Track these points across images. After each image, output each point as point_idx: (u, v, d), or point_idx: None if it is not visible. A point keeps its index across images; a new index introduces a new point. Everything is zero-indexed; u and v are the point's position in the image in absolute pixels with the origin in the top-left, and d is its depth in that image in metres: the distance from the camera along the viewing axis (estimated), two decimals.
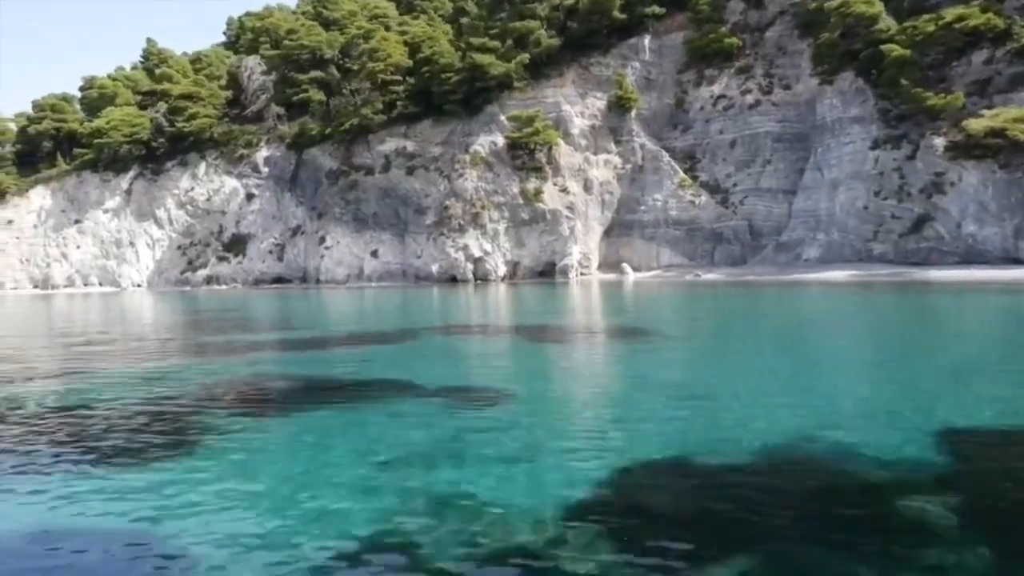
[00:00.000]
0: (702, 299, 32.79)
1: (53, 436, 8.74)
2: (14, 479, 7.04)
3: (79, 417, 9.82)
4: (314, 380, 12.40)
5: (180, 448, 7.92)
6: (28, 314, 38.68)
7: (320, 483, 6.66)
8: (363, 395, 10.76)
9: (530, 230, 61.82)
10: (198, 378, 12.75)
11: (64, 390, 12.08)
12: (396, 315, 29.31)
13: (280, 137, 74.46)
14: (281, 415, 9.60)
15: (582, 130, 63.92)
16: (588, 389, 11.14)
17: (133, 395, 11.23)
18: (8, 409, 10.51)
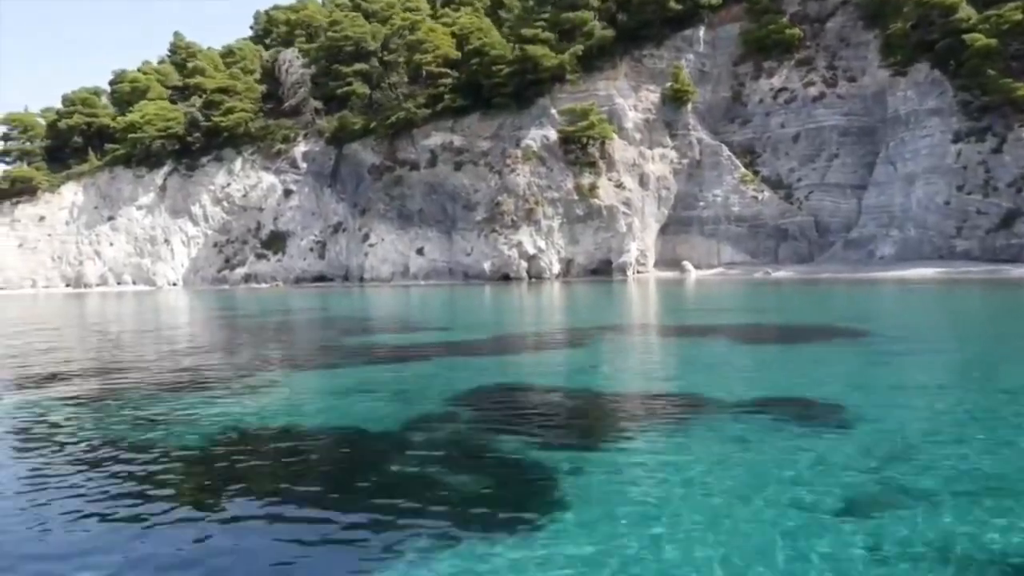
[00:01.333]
0: (817, 296, 31.02)
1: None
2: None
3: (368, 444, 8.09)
4: (626, 393, 10.62)
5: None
6: (109, 317, 36.85)
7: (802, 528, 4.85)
8: (690, 410, 8.99)
9: (584, 227, 60.06)
10: (502, 403, 10.97)
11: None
12: (528, 314, 27.53)
13: (319, 132, 72.67)
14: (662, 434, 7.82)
15: (636, 124, 62.18)
16: (941, 401, 9.32)
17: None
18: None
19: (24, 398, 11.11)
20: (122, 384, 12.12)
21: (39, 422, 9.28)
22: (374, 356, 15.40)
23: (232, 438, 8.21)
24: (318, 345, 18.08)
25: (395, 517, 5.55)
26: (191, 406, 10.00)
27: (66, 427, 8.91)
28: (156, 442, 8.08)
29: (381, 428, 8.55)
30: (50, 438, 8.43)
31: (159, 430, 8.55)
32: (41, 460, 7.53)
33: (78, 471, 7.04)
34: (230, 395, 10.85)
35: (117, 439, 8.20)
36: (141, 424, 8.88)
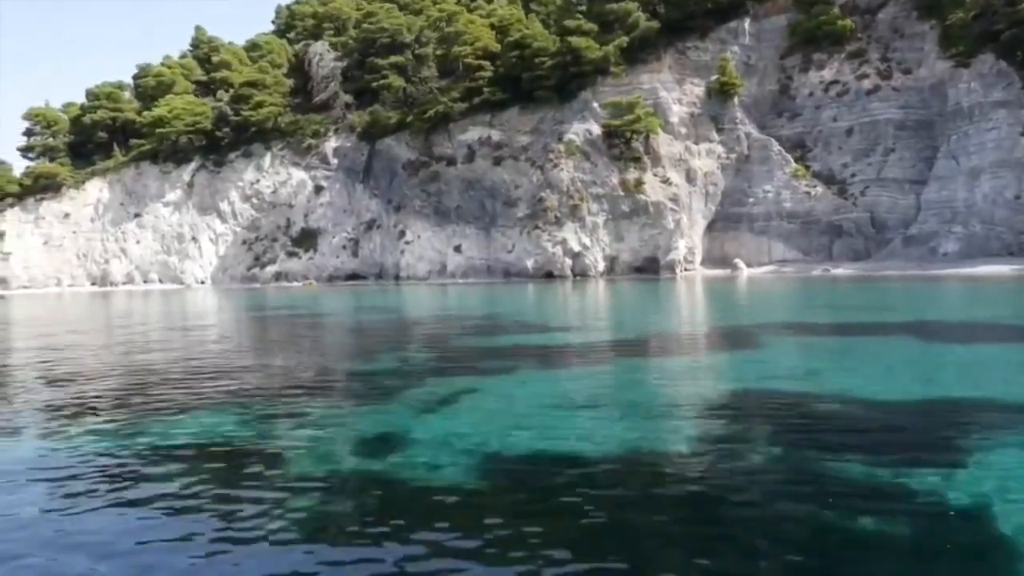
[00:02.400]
0: (921, 293, 29.42)
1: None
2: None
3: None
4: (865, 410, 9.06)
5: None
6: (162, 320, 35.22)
7: None
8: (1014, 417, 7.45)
9: (630, 223, 58.49)
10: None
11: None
12: (635, 313, 25.97)
13: (350, 127, 71.10)
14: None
15: (681, 118, 60.62)
16: None
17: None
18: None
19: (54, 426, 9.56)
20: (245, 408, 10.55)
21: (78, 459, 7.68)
22: (531, 361, 13.82)
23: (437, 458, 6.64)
24: (450, 350, 16.50)
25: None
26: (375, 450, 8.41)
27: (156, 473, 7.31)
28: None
29: (657, 451, 6.98)
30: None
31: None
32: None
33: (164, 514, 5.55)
34: (399, 408, 9.29)
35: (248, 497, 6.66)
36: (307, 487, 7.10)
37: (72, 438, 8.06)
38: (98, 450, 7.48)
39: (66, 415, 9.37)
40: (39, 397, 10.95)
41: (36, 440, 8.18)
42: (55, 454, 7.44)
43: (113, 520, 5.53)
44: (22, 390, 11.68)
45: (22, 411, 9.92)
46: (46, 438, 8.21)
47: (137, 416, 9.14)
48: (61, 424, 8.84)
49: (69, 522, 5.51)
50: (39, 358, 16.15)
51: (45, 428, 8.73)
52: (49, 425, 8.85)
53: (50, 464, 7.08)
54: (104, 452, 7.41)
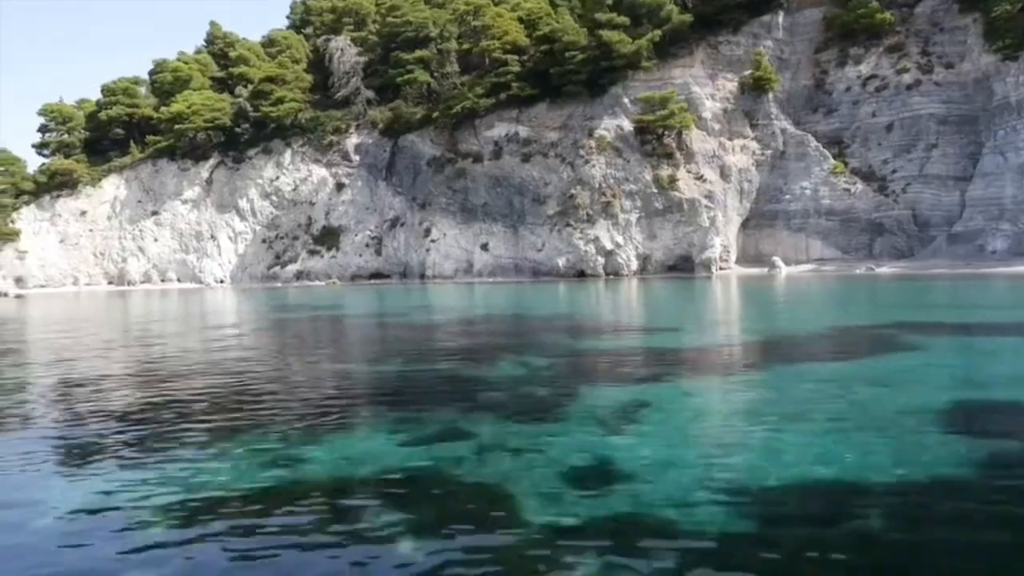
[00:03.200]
0: (990, 292, 28.15)
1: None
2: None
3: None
4: None
5: None
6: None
7: None
8: None
9: (664, 221, 57.23)
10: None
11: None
12: (715, 312, 24.69)
13: (372, 123, 69.79)
14: None
15: (714, 113, 59.39)
16: None
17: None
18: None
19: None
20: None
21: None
22: (671, 367, 12.52)
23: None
24: (569, 355, 15.20)
25: None
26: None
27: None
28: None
29: (933, 475, 5.72)
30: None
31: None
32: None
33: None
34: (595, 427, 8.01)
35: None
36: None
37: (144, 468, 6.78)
38: (183, 488, 6.10)
39: (113, 445, 8.05)
40: (62, 423, 9.64)
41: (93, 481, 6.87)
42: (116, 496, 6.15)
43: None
44: (43, 412, 10.39)
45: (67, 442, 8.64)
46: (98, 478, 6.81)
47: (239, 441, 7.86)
48: (120, 460, 7.55)
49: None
50: (65, 367, 14.87)
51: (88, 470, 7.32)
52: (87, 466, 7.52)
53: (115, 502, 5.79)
54: (201, 489, 6.09)
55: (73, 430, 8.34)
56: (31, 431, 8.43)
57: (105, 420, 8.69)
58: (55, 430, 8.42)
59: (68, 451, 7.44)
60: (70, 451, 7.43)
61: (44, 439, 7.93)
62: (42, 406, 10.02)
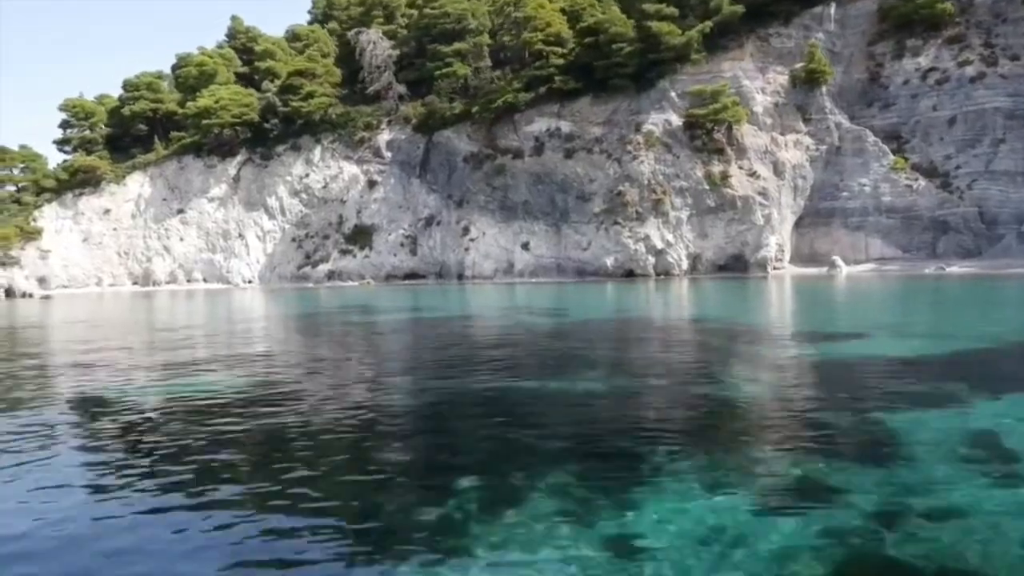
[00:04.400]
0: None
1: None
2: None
3: None
4: None
5: None
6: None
7: None
8: None
9: (715, 219, 55.18)
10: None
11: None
12: (831, 314, 22.62)
13: (405, 118, 67.70)
14: None
15: (765, 108, 57.33)
16: None
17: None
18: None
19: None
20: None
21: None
22: (901, 382, 10.47)
23: None
24: (768, 366, 13.13)
25: None
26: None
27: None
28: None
29: None
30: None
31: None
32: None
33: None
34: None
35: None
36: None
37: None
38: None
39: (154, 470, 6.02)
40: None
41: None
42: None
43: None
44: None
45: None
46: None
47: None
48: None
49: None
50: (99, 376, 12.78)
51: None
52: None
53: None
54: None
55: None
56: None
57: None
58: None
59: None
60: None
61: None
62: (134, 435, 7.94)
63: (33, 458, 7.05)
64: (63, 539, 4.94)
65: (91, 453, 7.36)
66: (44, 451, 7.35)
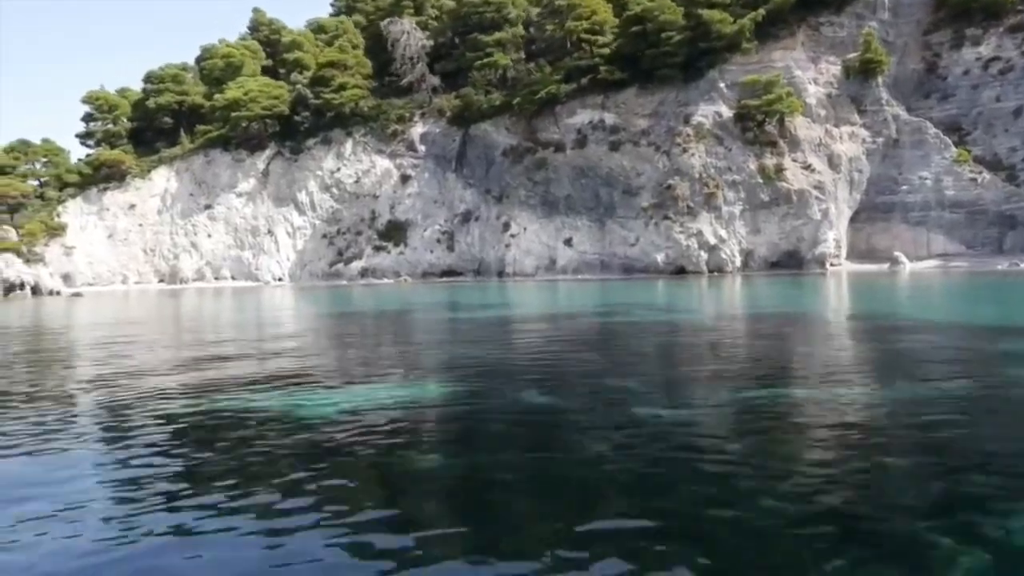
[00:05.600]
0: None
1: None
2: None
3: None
4: None
5: None
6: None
7: None
8: None
9: (769, 214, 53.28)
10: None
11: None
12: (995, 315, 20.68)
13: (439, 111, 65.76)
14: None
15: (818, 99, 55.46)
16: None
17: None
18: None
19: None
20: None
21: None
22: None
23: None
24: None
25: None
26: None
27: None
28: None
29: None
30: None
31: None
32: None
33: None
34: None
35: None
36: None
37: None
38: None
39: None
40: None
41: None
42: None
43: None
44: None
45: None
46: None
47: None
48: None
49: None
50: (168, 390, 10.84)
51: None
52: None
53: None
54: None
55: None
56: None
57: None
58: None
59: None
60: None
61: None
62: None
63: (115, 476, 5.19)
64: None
65: (177, 476, 5.52)
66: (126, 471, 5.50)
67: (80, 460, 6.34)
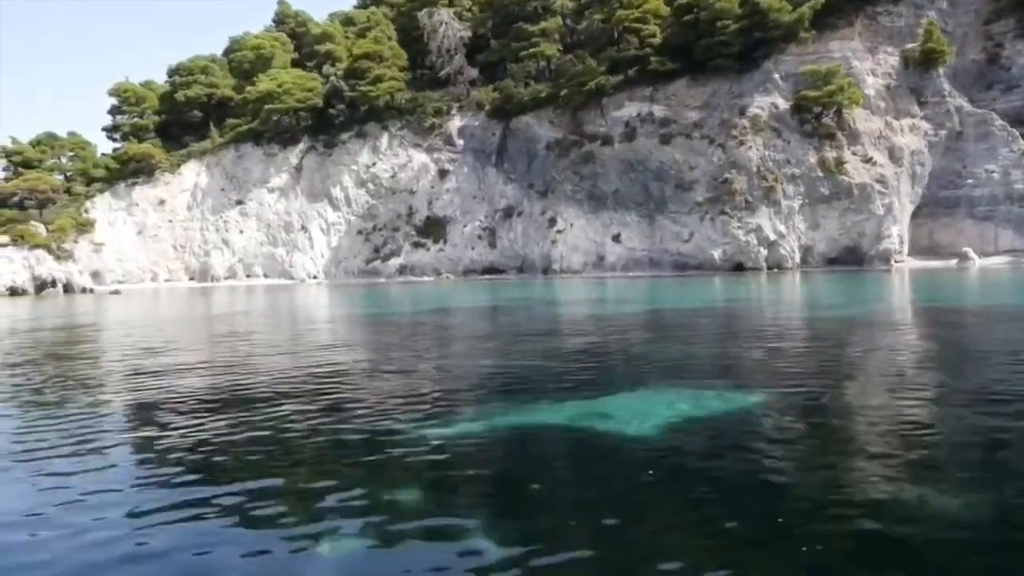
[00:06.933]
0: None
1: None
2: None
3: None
4: None
5: None
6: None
7: None
8: None
9: (828, 208, 51.60)
10: None
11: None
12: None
13: (478, 103, 63.98)
14: None
15: (877, 90, 53.78)
16: None
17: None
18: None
19: None
20: None
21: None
22: None
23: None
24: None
25: None
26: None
27: None
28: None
29: None
30: None
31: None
32: None
33: None
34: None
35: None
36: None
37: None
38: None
39: None
40: None
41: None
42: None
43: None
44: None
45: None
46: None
47: None
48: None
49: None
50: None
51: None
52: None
53: None
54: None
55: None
56: None
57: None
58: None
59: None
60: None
61: None
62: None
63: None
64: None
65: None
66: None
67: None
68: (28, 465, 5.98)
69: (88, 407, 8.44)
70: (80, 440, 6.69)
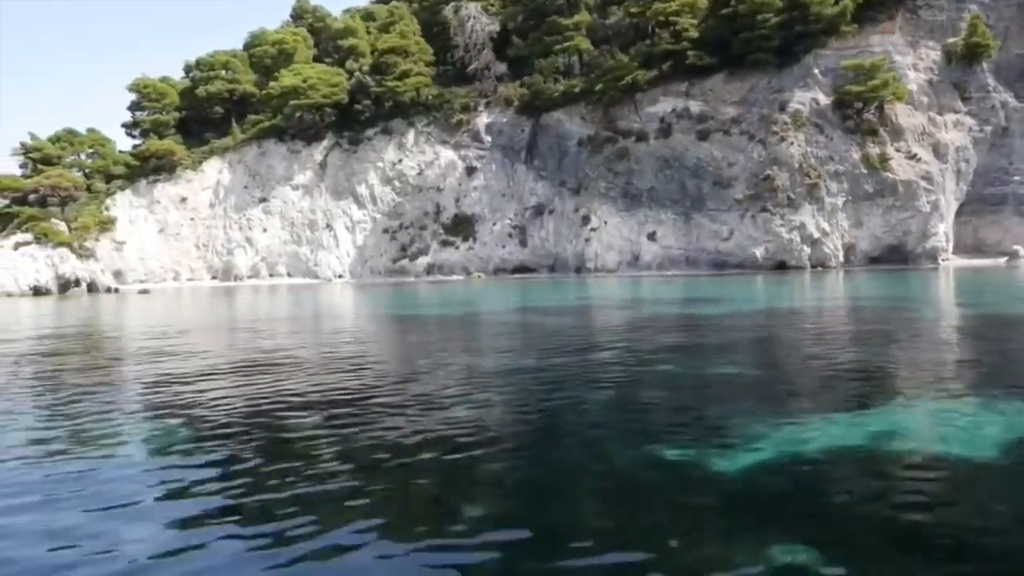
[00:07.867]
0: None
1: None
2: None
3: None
4: None
5: None
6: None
7: None
8: None
9: (872, 206, 50.53)
10: None
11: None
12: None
13: (506, 99, 62.74)
14: None
15: (920, 85, 52.71)
16: None
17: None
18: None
19: None
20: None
21: None
22: None
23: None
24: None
25: None
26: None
27: None
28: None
29: None
30: None
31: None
32: None
33: None
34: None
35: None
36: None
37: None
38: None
39: None
40: None
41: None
42: None
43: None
44: None
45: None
46: None
47: None
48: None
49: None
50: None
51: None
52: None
53: None
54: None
55: None
56: None
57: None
58: None
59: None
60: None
61: None
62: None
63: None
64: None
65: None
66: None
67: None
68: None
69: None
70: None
